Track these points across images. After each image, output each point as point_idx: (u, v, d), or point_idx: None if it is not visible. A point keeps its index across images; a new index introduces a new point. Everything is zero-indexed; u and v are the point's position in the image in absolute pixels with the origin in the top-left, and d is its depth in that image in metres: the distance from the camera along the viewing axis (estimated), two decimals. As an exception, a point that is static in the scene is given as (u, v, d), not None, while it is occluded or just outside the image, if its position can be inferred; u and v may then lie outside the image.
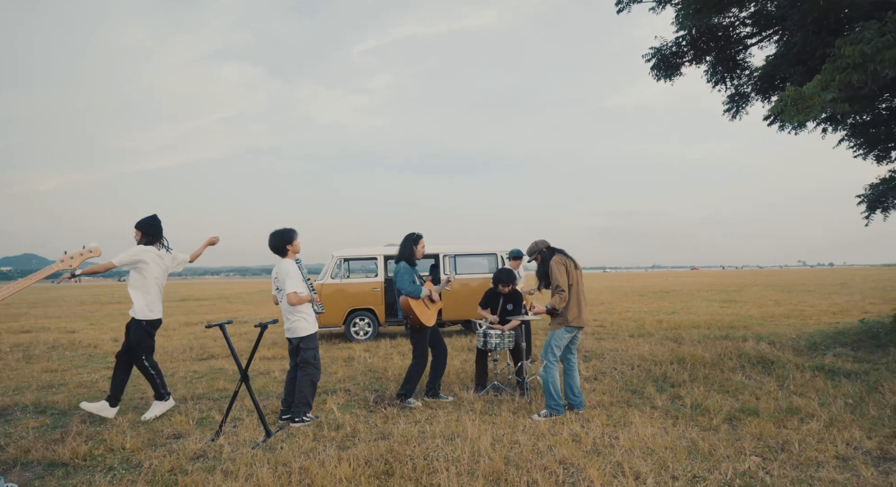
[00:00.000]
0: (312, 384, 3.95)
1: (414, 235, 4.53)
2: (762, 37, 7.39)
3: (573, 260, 4.10)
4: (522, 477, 2.73)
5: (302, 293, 3.85)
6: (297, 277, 3.86)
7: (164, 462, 3.02)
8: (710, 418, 3.75)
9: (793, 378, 4.92)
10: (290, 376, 4.06)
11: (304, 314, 3.92)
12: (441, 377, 4.66)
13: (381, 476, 2.80)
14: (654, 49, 7.83)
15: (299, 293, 3.83)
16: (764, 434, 3.37)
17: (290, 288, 3.82)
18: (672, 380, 5.07)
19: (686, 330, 8.76)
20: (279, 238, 3.94)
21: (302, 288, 3.89)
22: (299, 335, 3.91)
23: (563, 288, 3.91)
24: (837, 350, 6.28)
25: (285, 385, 4.09)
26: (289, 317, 3.92)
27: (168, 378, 5.54)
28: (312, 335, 3.96)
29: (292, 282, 3.83)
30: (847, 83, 4.61)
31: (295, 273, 3.85)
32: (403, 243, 4.49)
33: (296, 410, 3.88)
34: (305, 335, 3.92)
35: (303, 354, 3.92)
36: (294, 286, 3.83)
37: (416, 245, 4.49)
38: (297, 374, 3.95)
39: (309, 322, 3.94)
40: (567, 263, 4.05)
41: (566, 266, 4.02)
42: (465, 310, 8.55)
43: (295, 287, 3.83)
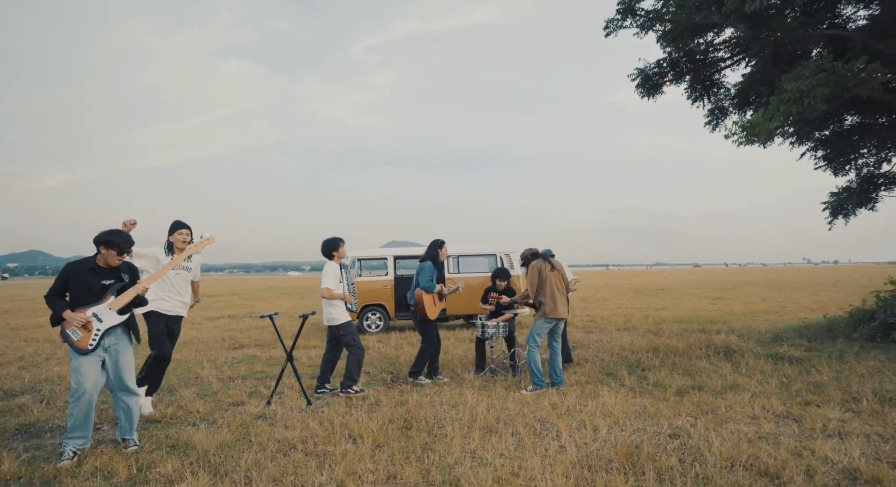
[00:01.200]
0: (358, 362, 4.79)
1: (438, 241, 5.49)
2: (734, 61, 8.23)
3: (550, 263, 5.00)
4: (508, 429, 3.63)
5: (333, 290, 4.72)
6: (332, 276, 4.74)
7: (235, 420, 3.93)
8: (664, 391, 4.64)
9: (746, 363, 5.79)
10: (325, 357, 4.98)
11: (337, 306, 4.80)
12: (436, 361, 5.53)
13: (402, 429, 3.70)
14: (639, 70, 8.69)
15: (331, 289, 4.71)
16: (702, 402, 4.25)
17: (322, 284, 4.71)
18: (644, 365, 5.94)
19: (668, 324, 9.63)
20: (327, 245, 4.85)
21: (333, 286, 4.75)
22: (336, 324, 4.79)
23: (529, 288, 4.88)
24: (795, 341, 7.13)
25: (321, 365, 5.00)
26: (326, 308, 4.80)
27: (211, 363, 6.48)
28: (347, 323, 4.81)
29: (326, 280, 4.72)
30: (790, 114, 5.46)
31: (331, 273, 4.74)
32: (430, 247, 5.47)
33: (344, 382, 4.75)
34: (340, 324, 4.79)
35: (343, 339, 4.79)
36: (326, 283, 4.72)
37: (440, 249, 5.47)
38: (332, 355, 4.85)
39: (340, 313, 4.81)
40: (542, 266, 4.95)
41: (540, 269, 4.93)
42: (467, 306, 9.45)
43: (327, 284, 4.71)
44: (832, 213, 8.60)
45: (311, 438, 3.48)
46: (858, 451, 3.05)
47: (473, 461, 3.06)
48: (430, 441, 3.40)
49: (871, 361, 5.69)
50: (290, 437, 3.48)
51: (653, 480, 2.74)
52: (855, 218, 8.47)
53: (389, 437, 3.51)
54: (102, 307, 3.23)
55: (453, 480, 2.79)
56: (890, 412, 3.84)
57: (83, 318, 3.15)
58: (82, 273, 3.24)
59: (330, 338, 4.97)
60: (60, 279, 3.26)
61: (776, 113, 5.44)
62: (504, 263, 9.75)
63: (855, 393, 4.31)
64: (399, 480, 2.82)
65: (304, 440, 3.44)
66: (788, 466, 2.82)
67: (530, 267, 4.96)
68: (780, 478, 2.70)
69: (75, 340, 3.14)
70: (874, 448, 3.15)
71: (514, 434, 3.55)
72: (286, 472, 2.92)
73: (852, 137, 8.08)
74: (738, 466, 2.87)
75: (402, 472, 2.90)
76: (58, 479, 2.87)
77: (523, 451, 3.21)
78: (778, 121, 5.42)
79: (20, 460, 3.13)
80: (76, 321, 3.14)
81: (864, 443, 3.22)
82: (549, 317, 4.85)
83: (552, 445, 3.30)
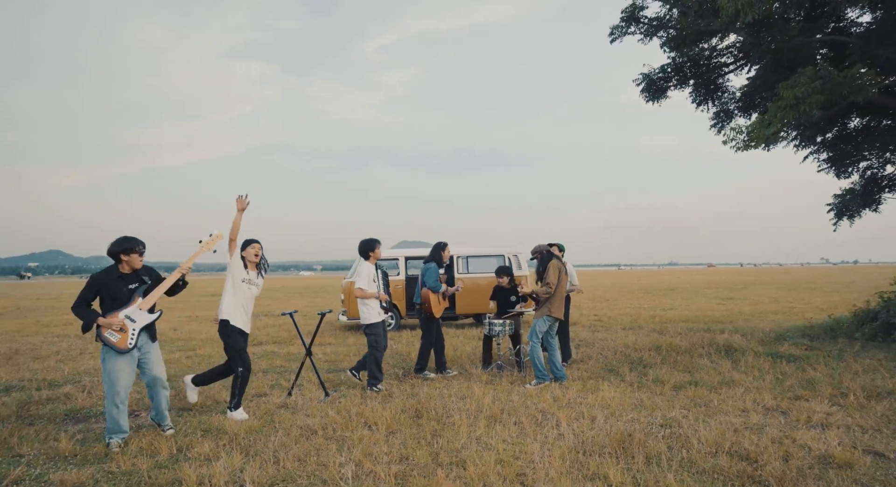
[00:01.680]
0: (375, 362, 4.99)
1: (441, 243, 5.81)
2: (737, 65, 8.40)
3: (565, 267, 5.31)
4: (512, 419, 3.91)
5: (367, 290, 4.96)
6: (366, 276, 4.98)
7: (260, 408, 4.28)
8: (662, 386, 4.88)
9: (745, 361, 6.00)
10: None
11: (369, 305, 5.03)
12: (443, 356, 5.83)
13: (413, 418, 4.00)
14: (643, 75, 8.89)
15: (364, 289, 4.95)
16: (696, 396, 4.49)
17: (356, 284, 4.99)
18: (645, 362, 6.18)
19: (673, 324, 9.82)
20: (364, 245, 5.11)
21: (366, 285, 4.98)
22: (364, 323, 5.05)
23: (552, 285, 5.08)
24: (797, 340, 7.30)
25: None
26: (360, 307, 5.05)
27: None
28: (375, 324, 5.01)
29: (360, 279, 4.99)
30: (787, 120, 5.65)
31: (365, 273, 4.99)
32: (434, 249, 5.80)
33: (369, 382, 4.99)
34: (369, 324, 5.03)
35: (368, 338, 5.03)
36: (360, 283, 4.97)
37: (443, 251, 5.78)
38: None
39: (373, 313, 5.01)
40: (561, 268, 5.22)
41: (560, 270, 5.20)
42: (477, 305, 9.74)
43: (360, 284, 4.97)
44: (837, 214, 8.71)
45: (330, 425, 3.80)
46: (837, 440, 3.28)
47: (478, 446, 3.36)
48: (439, 429, 3.71)
49: (868, 359, 5.86)
50: (311, 424, 3.81)
51: (641, 463, 3.01)
52: (865, 218, 8.56)
53: (402, 425, 3.81)
54: (133, 308, 3.53)
55: (460, 461, 3.09)
56: (875, 406, 4.05)
57: (119, 322, 3.44)
58: (110, 282, 3.49)
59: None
60: (90, 290, 3.46)
61: (773, 119, 5.64)
62: (512, 263, 10.02)
63: (844, 389, 4.52)
64: (411, 461, 3.13)
65: (324, 426, 3.77)
66: (767, 452, 3.07)
67: (553, 266, 5.15)
68: (757, 462, 2.95)
69: (115, 341, 3.42)
70: (853, 437, 3.37)
71: (516, 423, 3.83)
72: (309, 453, 3.24)
73: (856, 140, 8.20)
74: (722, 452, 3.13)
75: (413, 454, 3.21)
76: (108, 456, 3.23)
77: (524, 438, 3.50)
78: (775, 127, 5.61)
79: (74, 440, 3.50)
80: (114, 326, 3.42)
81: (844, 433, 3.45)
82: (552, 315, 5.12)
83: (551, 433, 3.58)
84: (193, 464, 3.07)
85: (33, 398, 4.71)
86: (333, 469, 2.98)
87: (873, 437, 3.38)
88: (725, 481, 2.77)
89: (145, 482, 2.87)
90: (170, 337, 9.21)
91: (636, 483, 2.76)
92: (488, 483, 2.79)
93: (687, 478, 2.80)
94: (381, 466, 3.03)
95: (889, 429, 3.53)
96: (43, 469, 3.07)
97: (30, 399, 4.66)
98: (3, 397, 4.82)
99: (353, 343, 8.21)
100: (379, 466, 3.03)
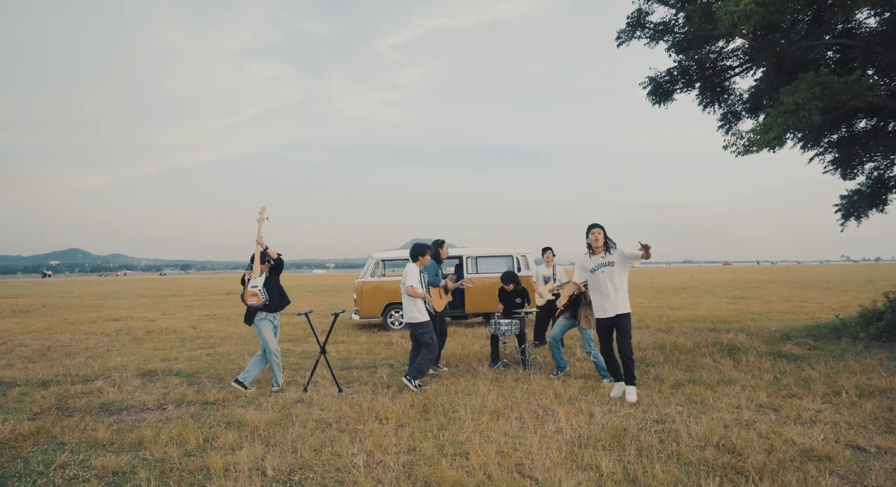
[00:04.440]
0: (430, 360, 5.17)
1: (439, 240, 6.11)
2: (743, 68, 8.48)
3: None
4: (514, 414, 4.15)
5: (418, 289, 5.23)
6: (415, 277, 5.28)
7: (277, 403, 4.57)
8: (661, 384, 5.06)
9: (746, 360, 6.14)
10: (412, 353, 5.52)
11: (419, 305, 5.26)
12: (441, 350, 6.07)
13: (421, 412, 4.26)
14: (650, 78, 9.01)
15: (415, 287, 5.22)
16: (693, 394, 4.67)
17: (407, 283, 5.25)
18: (648, 361, 6.35)
19: (680, 323, 9.94)
20: (414, 249, 5.45)
21: (418, 285, 5.27)
22: (414, 322, 5.27)
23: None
24: (801, 340, 7.40)
25: (409, 360, 5.58)
26: (408, 306, 5.28)
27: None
28: (425, 322, 5.23)
29: (410, 278, 5.26)
30: (787, 125, 5.77)
31: (414, 273, 5.29)
32: (432, 246, 6.06)
33: (411, 371, 5.12)
34: (418, 323, 5.24)
35: (421, 337, 5.20)
36: (411, 281, 5.24)
37: (441, 248, 6.05)
38: (417, 352, 5.36)
39: (421, 313, 5.24)
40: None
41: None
42: (486, 304, 9.98)
43: (411, 282, 5.24)
44: (844, 215, 8.76)
45: (343, 418, 4.08)
46: (821, 436, 3.45)
47: (481, 438, 3.60)
48: (445, 422, 3.95)
49: (869, 359, 5.96)
50: (325, 417, 4.09)
51: (633, 455, 3.22)
52: (890, 215, 8.59)
53: (410, 419, 4.07)
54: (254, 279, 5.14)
55: (463, 453, 3.33)
56: (865, 403, 4.19)
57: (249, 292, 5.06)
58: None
59: (412, 335, 5.41)
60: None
61: (773, 124, 5.76)
62: (520, 264, 10.22)
63: (838, 388, 4.66)
64: (418, 452, 3.38)
65: (337, 419, 4.04)
66: (753, 446, 3.26)
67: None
68: (742, 455, 3.14)
69: (253, 302, 5.06)
70: (838, 433, 3.54)
71: (518, 418, 4.06)
72: (324, 444, 3.51)
73: (861, 141, 8.24)
74: (710, 446, 3.33)
75: (420, 446, 3.46)
76: (142, 445, 3.54)
77: (525, 432, 3.73)
78: (775, 132, 5.73)
79: (111, 430, 3.83)
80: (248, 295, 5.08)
81: (830, 429, 3.62)
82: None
83: (551, 427, 3.81)
84: (219, 453, 3.36)
85: (69, 392, 5.08)
86: (346, 459, 3.25)
87: (858, 433, 3.54)
88: (709, 471, 2.97)
89: (176, 467, 3.17)
90: (190, 335, 9.61)
91: (626, 473, 2.98)
92: (489, 472, 3.03)
93: (674, 469, 3.00)
94: (390, 456, 3.29)
95: (875, 426, 3.69)
96: (85, 456, 3.40)
97: (66, 393, 5.02)
98: (42, 390, 5.19)
99: (364, 341, 8.50)
100: (388, 456, 3.29)
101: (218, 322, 11.83)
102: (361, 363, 6.63)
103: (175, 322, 11.84)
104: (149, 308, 16.59)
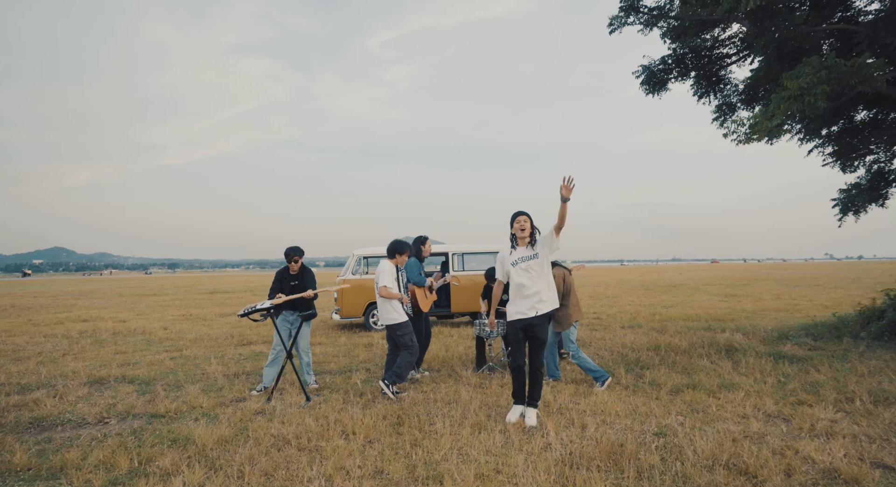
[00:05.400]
0: (410, 363, 4.71)
1: (421, 237, 5.63)
2: (740, 57, 8.12)
3: (567, 269, 5.12)
4: (497, 426, 3.71)
5: (392, 289, 4.76)
6: (389, 276, 4.78)
7: (235, 415, 4.08)
8: (659, 390, 4.66)
9: (746, 362, 5.77)
10: (390, 355, 5.06)
11: (393, 305, 4.79)
12: (424, 353, 5.66)
13: (395, 425, 3.80)
14: (643, 67, 8.62)
15: (389, 288, 4.74)
16: (694, 401, 4.28)
17: (380, 282, 4.76)
18: (643, 363, 5.96)
19: (673, 322, 9.59)
20: (392, 246, 4.97)
21: (392, 284, 4.78)
22: (392, 324, 4.81)
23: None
24: (800, 340, 7.07)
25: (385, 364, 5.13)
26: (383, 307, 4.80)
27: (219, 359, 6.67)
28: (405, 323, 4.80)
29: (384, 277, 4.76)
30: (791, 112, 5.40)
31: (386, 272, 4.78)
32: (413, 244, 5.61)
33: (389, 375, 4.62)
34: (396, 324, 4.79)
35: (400, 339, 4.77)
36: (384, 281, 4.74)
37: (423, 245, 5.57)
38: (395, 355, 4.90)
39: (398, 313, 4.79)
40: (566, 275, 5.05)
41: (564, 279, 5.01)
42: (472, 304, 9.53)
43: (385, 282, 4.74)
44: (842, 210, 8.46)
45: (305, 433, 3.60)
46: (842, 451, 3.06)
47: (459, 457, 3.15)
48: (420, 437, 3.50)
49: (874, 360, 5.63)
50: (285, 433, 3.61)
51: (632, 478, 2.80)
52: (870, 214, 8.32)
53: (381, 433, 3.61)
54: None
55: (437, 476, 2.89)
56: (882, 412, 3.83)
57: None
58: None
59: (389, 338, 4.97)
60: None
61: (777, 111, 5.39)
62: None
63: (850, 393, 4.29)
64: (385, 475, 2.93)
65: (298, 435, 3.57)
66: (768, 465, 2.86)
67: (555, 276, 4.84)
68: (757, 477, 2.74)
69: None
70: (859, 448, 3.15)
71: (502, 431, 3.62)
72: (278, 466, 3.04)
73: (862, 133, 7.93)
74: (719, 465, 2.91)
75: (389, 467, 3.00)
76: (63, 471, 3.04)
77: (509, 449, 3.29)
78: (779, 119, 5.36)
79: (30, 452, 3.31)
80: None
81: (850, 443, 3.23)
82: (576, 320, 5.06)
83: (538, 443, 3.37)
84: (151, 480, 2.87)
85: (0, 403, 4.53)
86: (301, 486, 2.78)
87: (881, 448, 3.16)
88: (722, 499, 2.56)
89: (99, 499, 2.68)
90: (158, 337, 9.04)
91: (625, 502, 2.56)
92: (465, 500, 2.59)
93: (680, 496, 2.59)
94: (352, 481, 2.83)
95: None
96: (-8, 485, 2.89)
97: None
98: (-27, 402, 4.65)
99: (343, 343, 8.01)
100: (350, 481, 2.83)
101: (192, 323, 11.24)
102: (336, 367, 6.15)
103: (147, 323, 11.24)
104: (123, 308, 15.91)
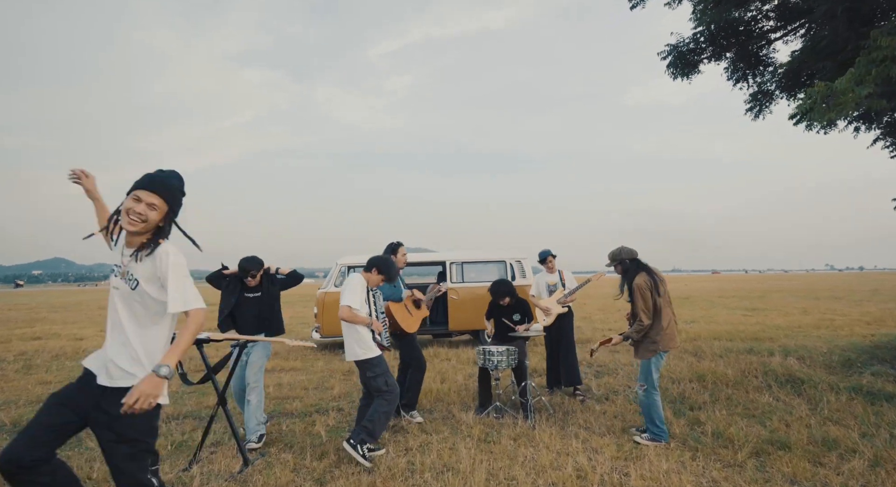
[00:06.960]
0: (386, 414, 3.40)
1: (394, 244, 4.43)
2: (787, 31, 6.94)
3: (655, 277, 3.84)
4: (516, 526, 2.41)
5: (356, 310, 3.41)
6: (355, 294, 3.44)
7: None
8: (735, 451, 3.36)
9: (826, 402, 4.48)
10: (362, 402, 3.73)
11: (360, 335, 3.46)
12: (418, 392, 4.40)
13: (358, 520, 2.50)
14: (671, 46, 7.46)
15: (352, 308, 3.39)
16: (798, 474, 2.98)
17: (343, 301, 3.40)
18: (691, 401, 4.68)
19: (706, 342, 8.27)
20: (374, 260, 3.65)
21: (358, 306, 3.44)
22: (358, 360, 3.48)
23: (645, 319, 3.69)
24: (876, 368, 5.77)
25: (358, 411, 3.77)
26: (346, 337, 3.50)
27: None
28: (372, 360, 3.45)
29: (348, 295, 3.42)
30: (885, 77, 4.18)
31: (353, 289, 3.45)
32: (385, 251, 4.37)
33: (358, 432, 3.32)
34: (362, 361, 3.46)
35: (369, 383, 3.48)
36: (349, 300, 3.39)
37: (394, 254, 4.34)
38: (370, 401, 3.57)
39: (365, 346, 3.45)
40: (650, 283, 3.77)
41: (651, 289, 3.74)
42: (473, 320, 8.23)
43: (349, 301, 3.39)
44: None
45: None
46: None
47: None
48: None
49: None
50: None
51: None
52: (867, 224, 7.19)
53: (335, 539, 2.31)
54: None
55: None
56: None
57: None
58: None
59: (361, 379, 3.63)
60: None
61: (866, 77, 4.17)
62: (515, 271, 8.52)
63: None
64: None
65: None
66: None
67: (636, 286, 3.74)
68: None
69: None
70: None
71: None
72: None
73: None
74: None
75: None
76: None
77: None
78: (869, 86, 4.15)
79: None
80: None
81: None
82: (665, 349, 3.76)
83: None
84: None
85: None
86: None
87: None
88: None
89: None
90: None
91: None
92: None
93: None
94: None
95: None
96: None
97: None
98: None
99: (320, 369, 6.69)
100: None
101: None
102: (301, 406, 4.84)
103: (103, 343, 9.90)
104: (90, 324, 14.57)
